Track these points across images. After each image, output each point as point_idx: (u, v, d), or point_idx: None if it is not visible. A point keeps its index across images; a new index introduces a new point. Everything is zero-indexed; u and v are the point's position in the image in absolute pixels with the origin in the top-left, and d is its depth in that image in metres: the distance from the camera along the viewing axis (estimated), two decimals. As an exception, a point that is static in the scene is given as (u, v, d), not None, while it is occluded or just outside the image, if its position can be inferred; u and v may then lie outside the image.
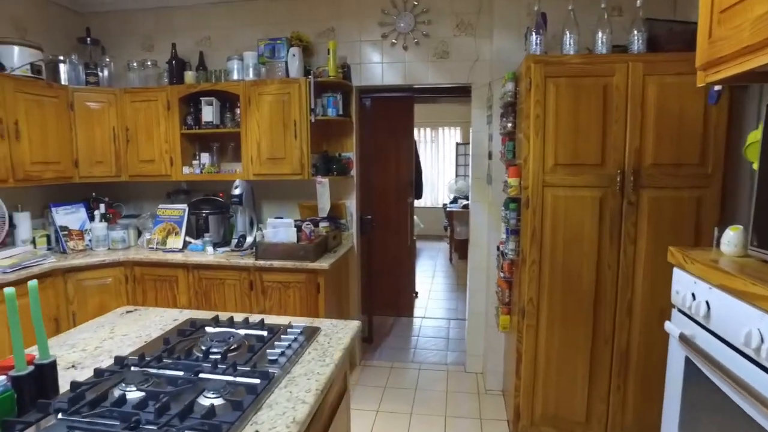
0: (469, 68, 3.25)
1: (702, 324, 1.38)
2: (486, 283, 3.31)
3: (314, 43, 3.39)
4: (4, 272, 2.63)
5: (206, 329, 1.65)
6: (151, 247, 3.36)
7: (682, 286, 1.50)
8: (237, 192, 3.16)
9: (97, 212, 3.38)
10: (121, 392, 1.17)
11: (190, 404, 1.11)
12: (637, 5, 2.32)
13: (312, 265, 2.89)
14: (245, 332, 1.60)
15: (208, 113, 3.31)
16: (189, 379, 1.25)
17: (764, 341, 1.08)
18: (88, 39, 3.52)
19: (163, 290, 3.15)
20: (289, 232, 3.02)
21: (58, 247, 3.25)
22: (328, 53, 3.14)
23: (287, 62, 3.19)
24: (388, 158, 4.66)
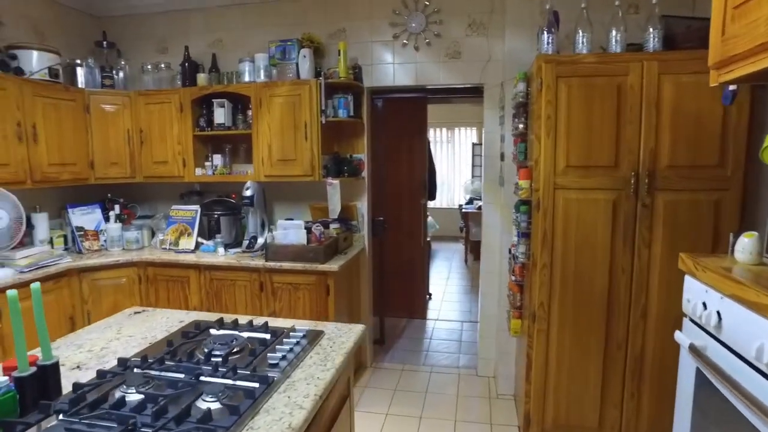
0: (482, 68, 3.21)
1: (713, 334, 1.32)
2: (498, 286, 3.27)
3: (325, 44, 3.39)
4: (21, 272, 2.69)
5: (210, 331, 1.65)
6: (164, 247, 3.40)
7: (693, 295, 1.45)
8: (248, 193, 3.18)
9: (112, 213, 3.43)
10: (121, 394, 1.18)
11: (187, 408, 1.11)
12: (653, 2, 2.26)
13: (321, 267, 2.88)
14: (248, 335, 1.59)
15: (220, 115, 3.33)
16: (189, 382, 1.25)
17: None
18: (105, 42, 3.59)
19: (176, 291, 3.18)
20: (299, 234, 3.02)
21: (75, 247, 3.32)
22: (339, 54, 3.14)
23: (298, 64, 3.20)
24: (400, 159, 4.64)
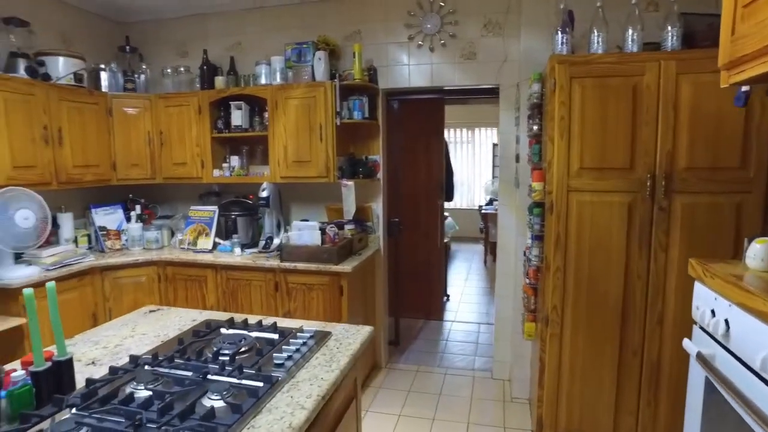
0: (497, 69, 3.19)
1: (721, 343, 1.29)
2: (513, 288, 3.23)
3: (341, 46, 3.42)
4: (47, 270, 2.80)
5: (221, 331, 1.69)
6: (183, 247, 3.48)
7: (701, 302, 1.41)
8: (264, 194, 3.22)
9: (133, 213, 3.53)
10: (130, 390, 1.22)
11: (191, 405, 1.13)
12: (672, -1, 2.21)
13: (335, 268, 2.90)
14: (257, 335, 1.62)
15: (238, 117, 3.39)
16: (196, 380, 1.29)
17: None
18: (127, 47, 3.69)
19: (193, 290, 3.25)
20: (314, 235, 3.05)
21: (98, 246, 3.42)
22: (354, 56, 3.16)
23: (313, 66, 3.23)
24: (417, 160, 4.63)
